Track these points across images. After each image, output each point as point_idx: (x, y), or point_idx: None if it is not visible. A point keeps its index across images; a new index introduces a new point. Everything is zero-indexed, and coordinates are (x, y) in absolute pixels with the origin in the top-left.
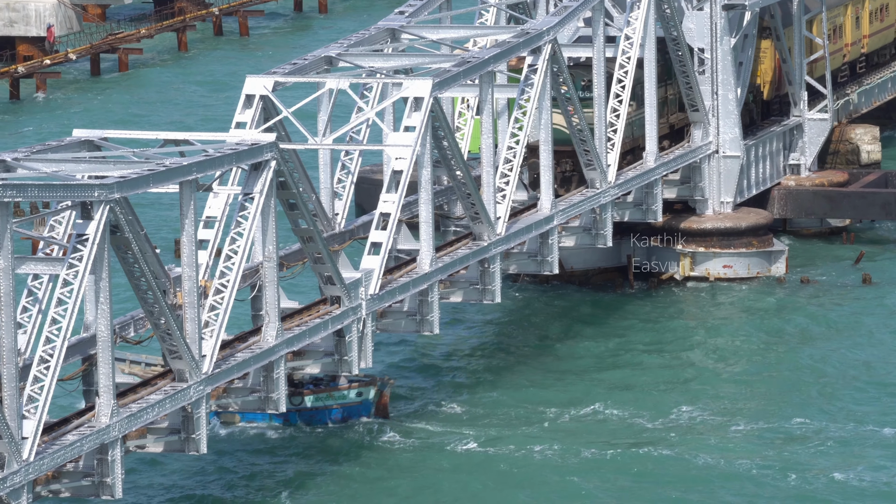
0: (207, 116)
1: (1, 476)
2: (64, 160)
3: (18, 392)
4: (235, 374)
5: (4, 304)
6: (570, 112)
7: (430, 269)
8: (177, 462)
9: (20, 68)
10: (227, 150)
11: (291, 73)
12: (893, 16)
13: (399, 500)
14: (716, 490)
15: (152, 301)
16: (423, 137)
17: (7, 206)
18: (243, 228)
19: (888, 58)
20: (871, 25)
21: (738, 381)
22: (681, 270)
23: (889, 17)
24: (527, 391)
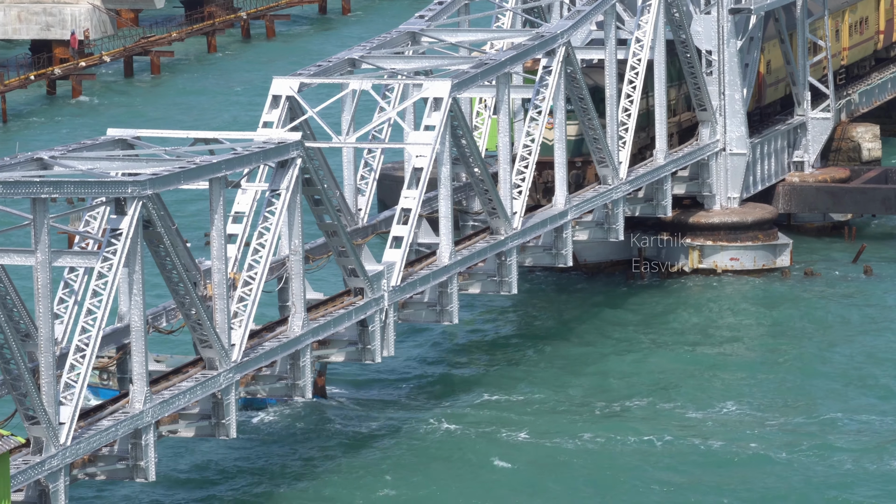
0: (236, 116)
1: (39, 460)
2: (99, 158)
3: (56, 379)
4: (263, 362)
5: (42, 295)
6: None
7: (450, 261)
8: (207, 447)
9: (56, 70)
10: (255, 148)
11: (316, 74)
12: (873, 29)
13: (422, 486)
14: (737, 474)
15: (183, 292)
16: (442, 136)
17: (45, 201)
18: (270, 223)
19: (867, 69)
20: (851, 38)
21: (746, 368)
22: (689, 263)
23: (868, 30)
24: (544, 379)
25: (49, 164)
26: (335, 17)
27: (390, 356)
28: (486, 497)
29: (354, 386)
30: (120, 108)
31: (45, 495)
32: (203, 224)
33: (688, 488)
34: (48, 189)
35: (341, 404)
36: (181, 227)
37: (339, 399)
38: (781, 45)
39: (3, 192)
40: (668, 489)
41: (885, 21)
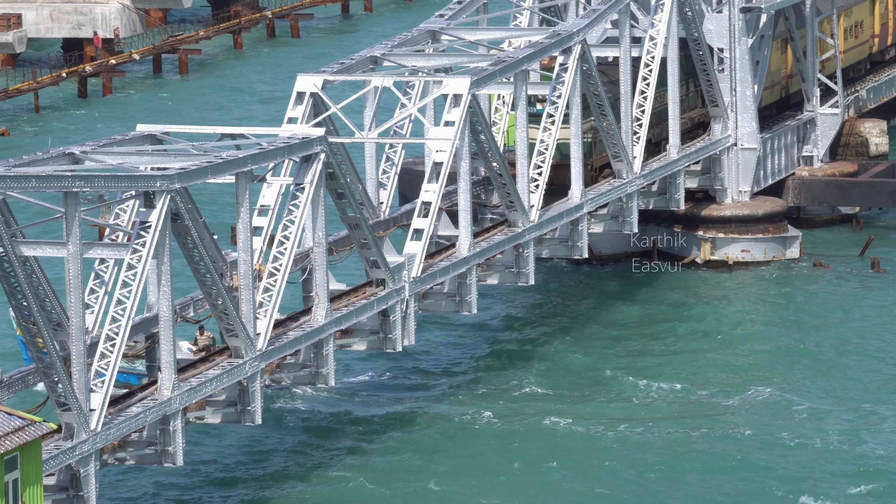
0: (261, 112)
1: (70, 445)
2: (128, 153)
3: (86, 367)
4: (288, 350)
5: (74, 286)
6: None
7: (469, 253)
8: (233, 432)
9: (88, 68)
10: (280, 143)
11: (339, 71)
12: (868, 33)
13: (441, 472)
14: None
15: (210, 283)
16: (461, 131)
17: (76, 195)
18: (295, 216)
19: (863, 73)
20: (846, 42)
21: (757, 354)
22: (702, 254)
23: (863, 34)
24: (561, 367)
25: (80, 159)
26: (358, 17)
27: (411, 345)
28: (509, 483)
29: (377, 374)
30: (149, 104)
31: (76, 479)
32: (229, 217)
33: (718, 473)
34: (79, 183)
35: (363, 392)
36: (208, 219)
37: (361, 387)
38: (792, 44)
39: (36, 186)
40: (691, 474)
41: (879, 25)
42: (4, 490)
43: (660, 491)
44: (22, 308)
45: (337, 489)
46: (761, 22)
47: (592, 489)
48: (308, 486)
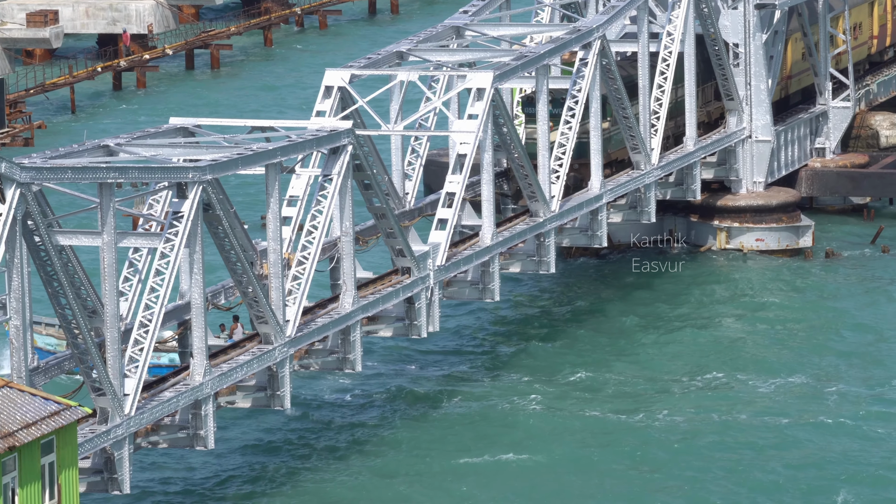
0: (290, 106)
1: (105, 429)
2: (161, 145)
3: (121, 353)
4: (316, 337)
5: (108, 274)
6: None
7: (492, 242)
8: (263, 417)
9: (122, 63)
10: (309, 135)
11: (366, 66)
12: (866, 34)
13: (464, 455)
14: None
15: (241, 271)
16: (484, 124)
17: (111, 186)
18: (323, 206)
19: (861, 73)
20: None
21: (774, 340)
22: (717, 243)
23: (862, 35)
24: (582, 353)
25: (115, 151)
26: (384, 13)
27: (435, 331)
28: (533, 471)
29: (400, 361)
30: (181, 98)
31: (110, 462)
32: (259, 207)
33: (737, 460)
34: (114, 174)
35: (389, 377)
36: (239, 210)
37: (386, 372)
38: (805, 39)
39: (73, 178)
40: (710, 462)
41: (878, 26)
42: (41, 472)
43: (703, 477)
44: (58, 295)
45: (366, 470)
46: (775, 18)
47: (632, 475)
48: (333, 467)
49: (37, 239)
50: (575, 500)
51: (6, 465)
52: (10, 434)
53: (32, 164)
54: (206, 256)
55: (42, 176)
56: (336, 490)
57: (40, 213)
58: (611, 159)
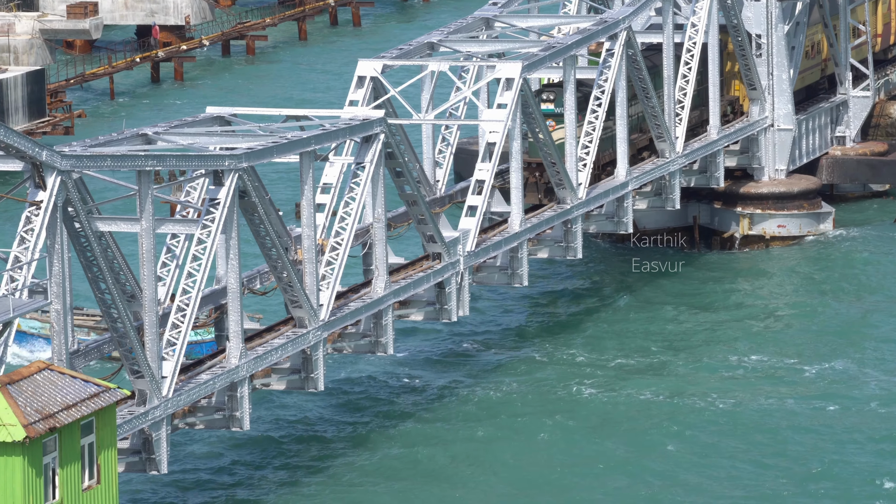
0: (324, 95)
1: (143, 410)
2: (198, 134)
3: (158, 337)
4: (349, 321)
5: (146, 259)
6: (552, 127)
7: (520, 228)
8: (297, 399)
9: (160, 53)
10: (342, 124)
11: (398, 56)
12: (871, 32)
13: (493, 439)
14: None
15: (276, 257)
16: (513, 113)
17: (149, 174)
18: (355, 193)
19: None
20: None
21: (798, 324)
22: (740, 229)
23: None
24: (607, 336)
25: (153, 140)
26: (415, 5)
27: (465, 316)
28: (562, 453)
29: (430, 345)
30: (218, 87)
31: (148, 443)
32: (294, 194)
33: (810, 443)
34: (152, 162)
35: (420, 361)
36: (274, 197)
37: (418, 355)
38: (825, 30)
39: (112, 165)
40: (733, 446)
41: (882, 24)
42: (81, 453)
43: (748, 459)
44: (98, 280)
45: (397, 452)
46: (797, 9)
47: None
48: (366, 450)
49: (77, 225)
50: (626, 479)
51: (47, 446)
52: (50, 415)
53: (73, 152)
54: (242, 242)
55: (82, 164)
56: (367, 470)
57: (80, 200)
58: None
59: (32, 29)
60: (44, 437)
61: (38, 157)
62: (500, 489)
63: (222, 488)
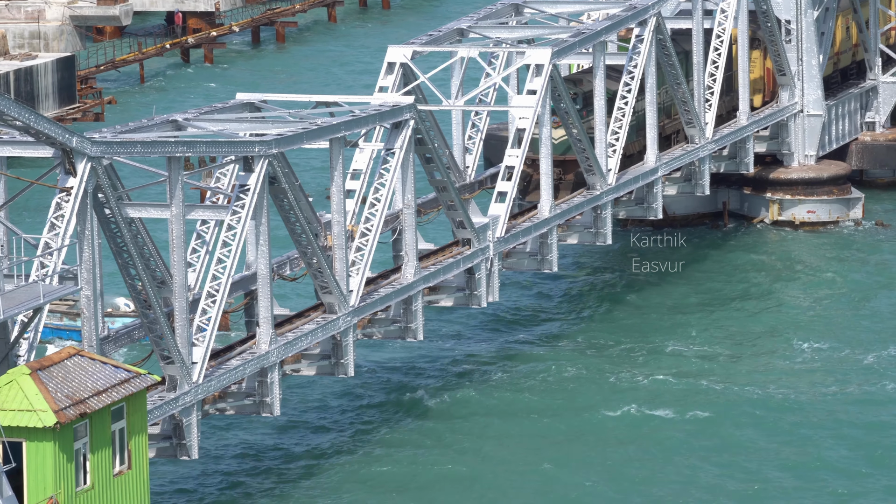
0: (354, 81)
1: (174, 396)
2: (228, 120)
3: (189, 323)
4: (379, 307)
5: (177, 245)
6: (565, 123)
7: (550, 214)
8: (327, 384)
9: (190, 40)
10: (372, 110)
11: (428, 43)
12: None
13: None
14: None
15: (306, 243)
16: (543, 99)
17: (179, 160)
18: (385, 179)
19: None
20: (862, 34)
21: (826, 309)
22: (770, 215)
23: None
24: (633, 321)
25: (183, 126)
26: None
27: (495, 301)
28: (597, 437)
29: (460, 331)
30: (248, 74)
31: (178, 428)
32: (324, 180)
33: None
34: (182, 148)
35: (449, 345)
36: (303, 183)
37: (447, 340)
38: (855, 16)
39: (142, 151)
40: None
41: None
42: (111, 438)
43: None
44: (128, 266)
45: (427, 438)
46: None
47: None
48: (395, 435)
49: (107, 211)
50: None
51: (78, 432)
52: (81, 401)
53: (103, 138)
54: (272, 228)
55: (112, 150)
56: (399, 454)
57: (110, 186)
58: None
59: (63, 15)
60: (74, 423)
61: (69, 143)
62: (540, 474)
63: (252, 474)
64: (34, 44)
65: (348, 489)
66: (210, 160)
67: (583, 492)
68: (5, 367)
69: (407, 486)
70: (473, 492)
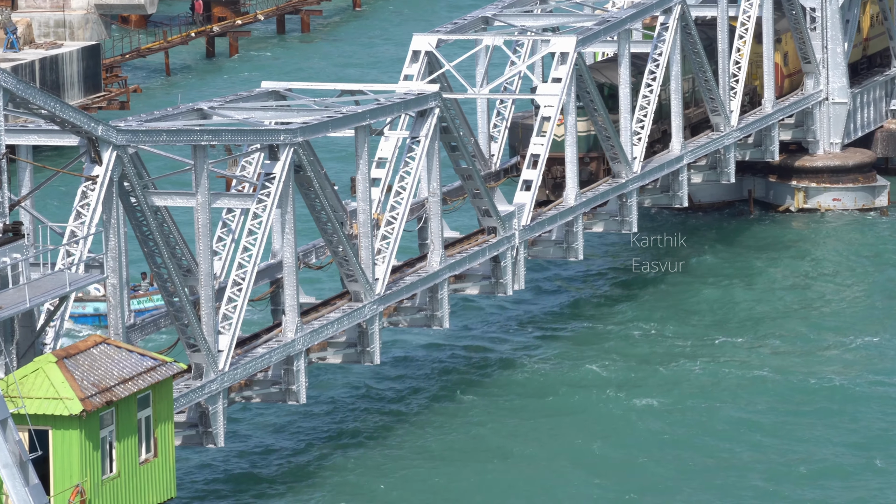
0: (379, 70)
1: (200, 384)
2: (253, 108)
3: (215, 311)
4: (404, 294)
5: (202, 234)
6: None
7: (575, 202)
8: (353, 372)
9: (215, 28)
10: (397, 99)
11: (453, 31)
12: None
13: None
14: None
15: (331, 231)
16: (568, 87)
17: (205, 148)
18: (410, 168)
19: (891, 59)
20: (873, 28)
21: (854, 297)
22: (795, 203)
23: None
24: (659, 307)
25: (208, 114)
26: None
27: (520, 289)
28: (623, 421)
29: (486, 319)
30: (273, 62)
31: (205, 416)
32: (349, 169)
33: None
34: (207, 137)
35: (476, 335)
36: (329, 171)
37: (475, 329)
38: (880, 3)
39: (167, 140)
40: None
41: None
42: (138, 426)
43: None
44: (154, 255)
45: (459, 424)
46: None
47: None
48: (423, 422)
49: (133, 200)
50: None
51: (104, 420)
52: (107, 389)
53: (128, 126)
54: (297, 217)
55: (138, 138)
56: (425, 444)
57: (136, 174)
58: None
59: (88, 4)
60: (101, 411)
61: (94, 131)
62: (570, 463)
63: (277, 462)
64: (59, 32)
65: (373, 477)
66: (235, 148)
67: (618, 488)
68: (32, 356)
69: (432, 475)
70: (504, 483)
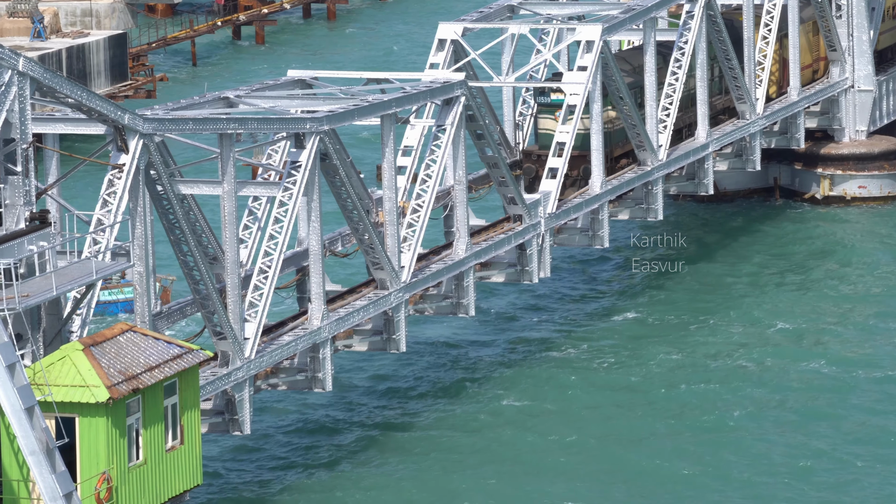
0: (404, 58)
1: (226, 372)
2: (279, 97)
3: (241, 299)
4: (430, 282)
5: (228, 222)
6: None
7: (601, 190)
8: (379, 361)
9: (241, 17)
10: (423, 87)
11: (478, 20)
12: None
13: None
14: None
15: (357, 219)
16: (593, 76)
17: (231, 136)
18: (436, 156)
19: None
20: (883, 23)
21: (882, 284)
22: (821, 190)
23: None
24: (683, 296)
25: (234, 103)
26: None
27: (546, 277)
28: (645, 405)
29: (511, 306)
30: (299, 50)
31: (231, 404)
32: (375, 157)
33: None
34: (234, 125)
35: (501, 322)
36: (355, 159)
37: (500, 315)
38: None
39: (193, 128)
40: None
41: None
42: (164, 414)
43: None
44: (180, 243)
45: (484, 412)
46: None
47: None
48: (445, 406)
49: (159, 188)
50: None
51: (130, 407)
52: (134, 377)
53: (155, 115)
54: (323, 205)
55: (164, 127)
56: (449, 430)
57: (162, 163)
58: (614, 154)
59: None
60: (127, 398)
61: (121, 120)
62: (604, 448)
63: (303, 449)
64: (86, 21)
65: (399, 464)
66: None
67: (657, 473)
68: (58, 343)
69: (462, 462)
70: (535, 467)
